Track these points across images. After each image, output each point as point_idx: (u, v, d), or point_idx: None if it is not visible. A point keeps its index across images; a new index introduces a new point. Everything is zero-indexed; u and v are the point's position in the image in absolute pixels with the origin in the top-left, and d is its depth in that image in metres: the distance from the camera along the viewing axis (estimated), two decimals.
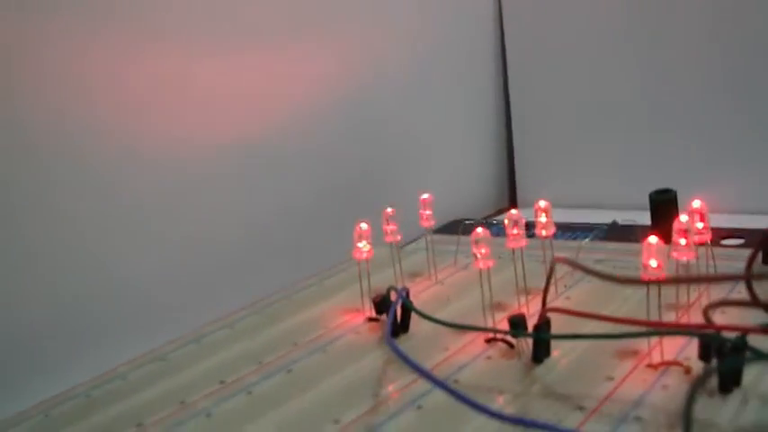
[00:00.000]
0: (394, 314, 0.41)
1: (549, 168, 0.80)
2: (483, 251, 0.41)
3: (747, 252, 0.39)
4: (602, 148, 0.76)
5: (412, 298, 0.44)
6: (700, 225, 0.41)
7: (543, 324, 0.37)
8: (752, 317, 0.37)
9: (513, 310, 0.43)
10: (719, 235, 0.52)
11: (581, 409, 0.33)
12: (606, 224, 0.59)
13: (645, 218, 0.56)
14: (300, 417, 0.36)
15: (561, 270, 0.47)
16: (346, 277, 0.54)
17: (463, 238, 0.56)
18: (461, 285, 0.50)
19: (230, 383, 0.40)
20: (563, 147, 0.79)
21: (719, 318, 0.39)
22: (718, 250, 0.46)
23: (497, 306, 0.43)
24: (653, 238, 0.35)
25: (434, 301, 0.47)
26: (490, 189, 0.83)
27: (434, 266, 0.52)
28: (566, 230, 0.59)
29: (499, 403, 0.35)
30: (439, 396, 0.35)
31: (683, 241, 0.37)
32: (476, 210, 0.79)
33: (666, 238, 0.50)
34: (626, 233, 0.54)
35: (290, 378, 0.40)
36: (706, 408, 0.32)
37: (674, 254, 0.37)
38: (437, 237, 0.53)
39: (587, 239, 0.52)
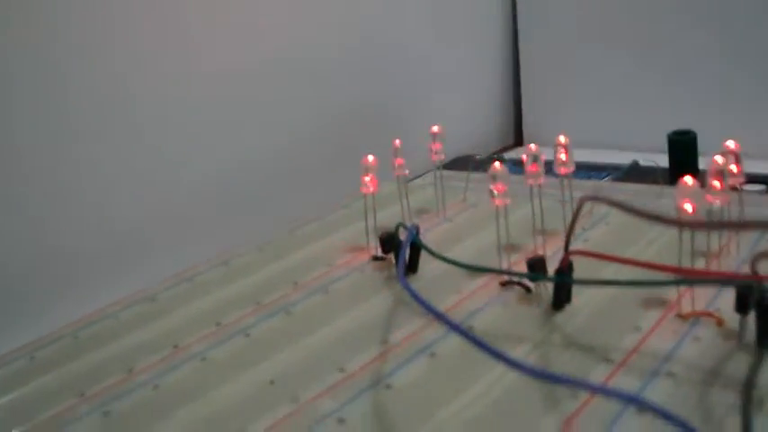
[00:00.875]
0: (405, 253, 0.38)
1: (556, 106, 0.77)
2: (500, 187, 0.38)
3: None
4: (614, 86, 0.73)
5: (420, 236, 0.41)
6: (733, 168, 0.38)
7: (566, 267, 0.35)
8: None
9: (529, 252, 0.41)
10: None
11: (607, 361, 0.31)
12: (622, 165, 0.56)
13: (662, 160, 0.53)
14: (301, 363, 0.33)
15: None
16: (350, 214, 0.51)
17: (472, 175, 0.53)
18: (472, 224, 0.47)
19: (226, 325, 0.37)
20: (572, 84, 0.76)
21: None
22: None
23: (512, 248, 0.41)
24: (688, 179, 0.32)
25: (444, 241, 0.45)
26: (495, 126, 0.80)
27: (443, 203, 0.49)
28: (579, 169, 0.56)
29: (518, 353, 0.32)
30: (454, 342, 0.33)
31: (716, 183, 0.34)
32: (480, 147, 0.76)
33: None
34: (645, 174, 0.51)
35: (290, 321, 0.38)
36: (740, 364, 0.30)
37: (708, 197, 0.34)
38: (445, 173, 0.50)
39: (606, 179, 0.49)
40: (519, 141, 0.80)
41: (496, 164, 0.38)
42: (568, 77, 0.76)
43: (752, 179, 0.50)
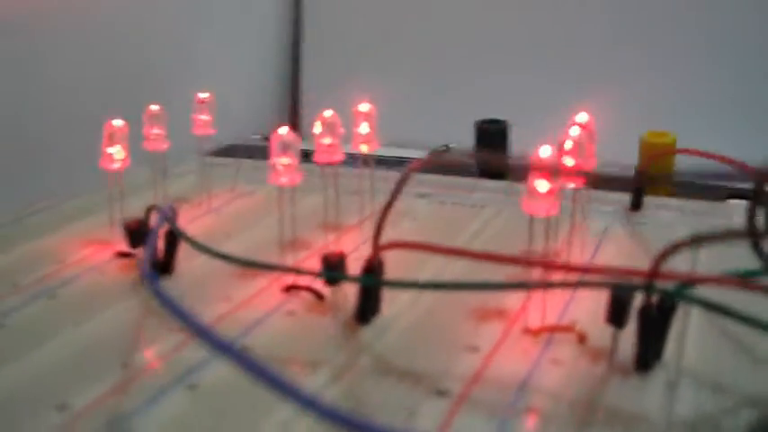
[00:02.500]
0: (154, 243, 0.27)
1: (339, 85, 0.68)
2: (289, 161, 0.28)
3: None
4: (410, 70, 0.65)
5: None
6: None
7: (375, 266, 0.25)
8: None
9: (320, 250, 0.31)
10: None
11: (440, 394, 0.22)
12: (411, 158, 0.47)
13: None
14: (9, 396, 0.22)
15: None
16: (92, 202, 0.39)
17: (246, 162, 0.43)
18: (243, 216, 0.37)
19: None
20: (360, 63, 0.67)
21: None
22: None
23: (298, 244, 0.31)
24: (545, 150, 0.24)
25: (208, 235, 0.34)
26: (268, 107, 0.70)
27: (208, 191, 0.38)
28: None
29: (314, 385, 0.22)
30: (222, 369, 0.22)
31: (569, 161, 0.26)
32: (249, 130, 0.66)
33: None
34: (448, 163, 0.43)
35: (4, 336, 0.26)
36: (621, 393, 0.22)
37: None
38: (211, 159, 0.39)
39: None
40: (295, 124, 0.71)
41: (283, 128, 0.28)
42: (360, 57, 0.67)
43: None
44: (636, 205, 0.36)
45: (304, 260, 0.31)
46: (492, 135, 0.44)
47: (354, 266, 0.26)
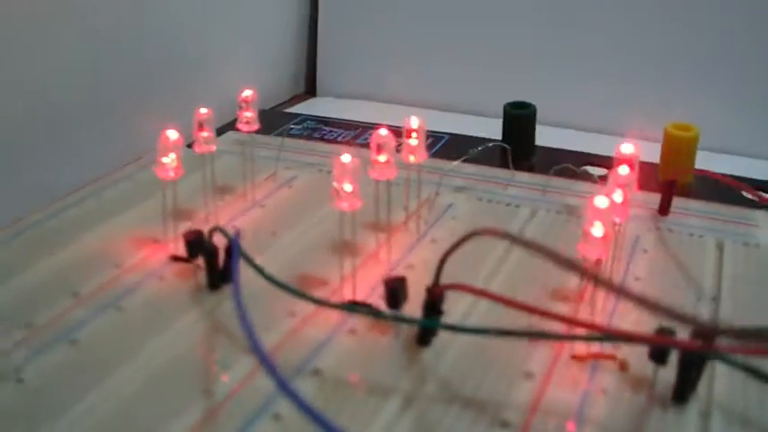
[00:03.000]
0: (238, 284, 0.28)
1: (358, 54, 0.69)
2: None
3: None
4: (426, 41, 0.66)
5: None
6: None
7: (437, 300, 0.27)
8: None
9: (371, 253, 0.33)
10: (582, 160, 0.45)
11: (503, 425, 0.24)
12: (440, 134, 0.49)
13: (476, 128, 0.48)
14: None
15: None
16: (135, 188, 0.40)
17: (287, 142, 0.45)
18: (287, 211, 0.38)
19: None
20: (378, 31, 0.68)
21: None
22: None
23: (348, 247, 0.33)
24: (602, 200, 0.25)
25: (255, 234, 0.36)
26: (285, 71, 0.70)
27: (251, 180, 0.40)
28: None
29: (389, 413, 0.25)
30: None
31: (618, 197, 0.28)
32: (269, 95, 0.67)
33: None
34: (472, 146, 0.44)
35: (79, 354, 0.27)
36: (661, 425, 0.24)
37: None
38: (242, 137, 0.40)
39: (455, 162, 0.42)
40: (312, 91, 0.72)
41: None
42: (379, 24, 0.68)
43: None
44: (664, 209, 0.38)
45: (359, 267, 0.32)
46: (520, 120, 0.45)
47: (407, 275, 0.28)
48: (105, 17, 0.48)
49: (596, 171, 0.43)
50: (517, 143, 0.45)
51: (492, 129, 0.45)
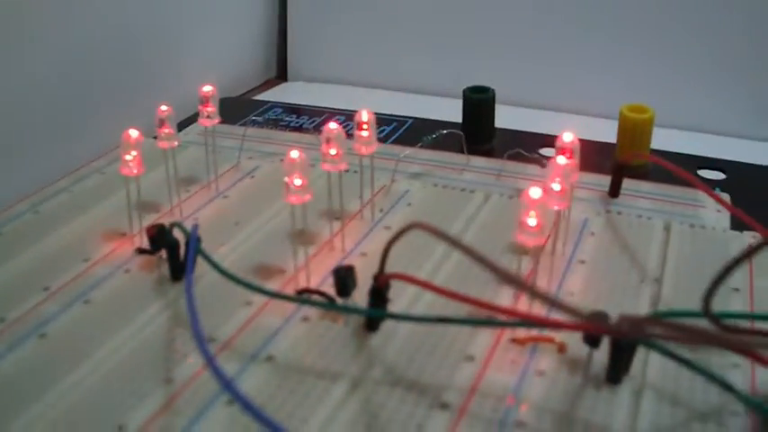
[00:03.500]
0: (191, 278, 0.29)
1: (329, 38, 0.70)
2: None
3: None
4: (397, 23, 0.66)
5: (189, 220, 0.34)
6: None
7: (383, 287, 0.28)
8: None
9: (325, 240, 0.35)
10: (540, 141, 0.46)
11: (443, 407, 0.26)
12: (403, 117, 0.50)
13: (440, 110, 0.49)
14: (69, 418, 0.25)
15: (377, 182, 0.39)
16: (106, 181, 0.41)
17: (250, 132, 0.46)
18: (249, 201, 0.40)
19: None
20: (348, 15, 0.68)
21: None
22: None
23: (304, 237, 0.34)
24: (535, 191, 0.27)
25: (218, 225, 0.37)
26: (256, 57, 0.71)
27: (216, 171, 0.41)
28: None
29: (336, 396, 0.26)
30: (258, 378, 0.26)
31: (557, 186, 0.29)
32: (239, 81, 0.68)
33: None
34: (430, 130, 0.45)
35: (49, 347, 0.29)
36: (594, 406, 0.26)
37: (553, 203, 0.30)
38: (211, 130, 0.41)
39: (408, 151, 0.43)
40: (283, 75, 0.72)
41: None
42: (344, 6, 0.68)
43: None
44: (614, 192, 0.39)
45: (314, 256, 0.34)
46: (479, 104, 0.47)
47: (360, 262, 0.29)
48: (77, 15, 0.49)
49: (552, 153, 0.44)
50: (476, 127, 0.46)
51: (460, 111, 0.46)
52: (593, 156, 0.40)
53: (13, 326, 0.30)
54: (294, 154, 0.30)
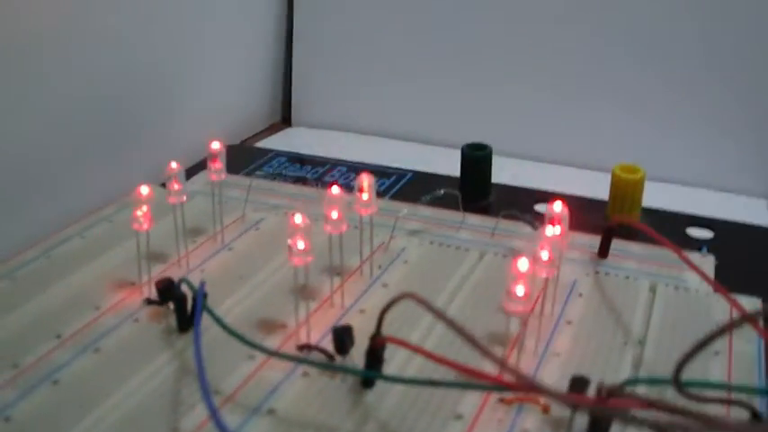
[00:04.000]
0: (198, 338, 0.31)
1: (332, 84, 0.72)
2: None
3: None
4: (401, 72, 0.68)
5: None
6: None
7: (379, 348, 0.30)
8: None
9: (326, 299, 0.36)
10: (535, 197, 0.48)
11: None
12: (404, 170, 0.52)
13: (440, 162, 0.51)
14: None
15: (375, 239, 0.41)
16: (114, 229, 0.43)
17: (255, 183, 0.48)
18: (253, 254, 0.41)
19: None
20: (352, 62, 0.70)
21: None
22: None
23: (308, 292, 0.35)
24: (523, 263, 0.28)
25: (224, 278, 0.39)
26: (261, 101, 0.73)
27: (222, 223, 0.43)
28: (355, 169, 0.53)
29: None
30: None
31: (545, 256, 0.31)
32: (245, 124, 0.70)
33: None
34: (430, 186, 0.47)
35: (60, 394, 0.30)
36: None
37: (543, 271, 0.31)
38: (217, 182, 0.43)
39: (405, 210, 0.45)
40: (287, 120, 0.74)
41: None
42: (355, 56, 0.70)
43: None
44: (603, 253, 0.41)
45: (314, 312, 0.35)
46: (477, 162, 0.49)
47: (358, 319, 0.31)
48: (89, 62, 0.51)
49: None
50: (473, 184, 0.48)
51: (459, 162, 0.49)
52: (584, 213, 0.42)
53: (26, 372, 0.32)
54: (297, 219, 0.31)
